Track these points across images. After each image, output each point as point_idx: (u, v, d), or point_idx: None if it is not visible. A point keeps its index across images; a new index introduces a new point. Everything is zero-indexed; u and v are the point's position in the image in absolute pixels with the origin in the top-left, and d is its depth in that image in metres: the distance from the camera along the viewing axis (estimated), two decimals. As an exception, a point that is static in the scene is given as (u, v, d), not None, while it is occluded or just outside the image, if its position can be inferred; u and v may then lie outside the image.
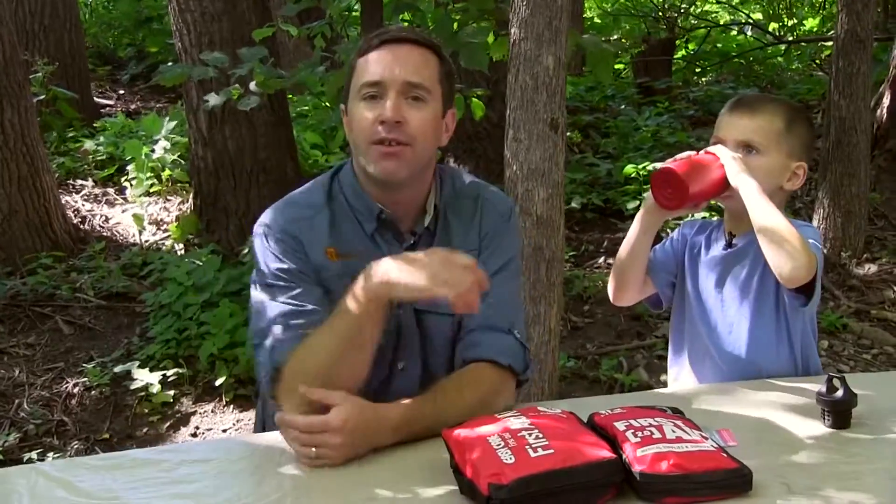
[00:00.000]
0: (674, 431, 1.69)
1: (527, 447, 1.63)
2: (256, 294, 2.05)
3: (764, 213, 2.13)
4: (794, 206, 6.23)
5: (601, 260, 5.93)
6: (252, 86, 4.25)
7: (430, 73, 2.03)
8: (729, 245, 2.35)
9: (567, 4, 3.01)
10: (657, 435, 1.67)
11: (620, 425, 1.72)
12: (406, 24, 4.87)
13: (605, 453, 1.64)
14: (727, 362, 2.32)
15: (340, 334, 1.87)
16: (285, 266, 2.01)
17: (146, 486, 1.80)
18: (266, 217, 2.10)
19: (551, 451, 1.61)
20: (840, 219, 5.53)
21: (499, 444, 1.65)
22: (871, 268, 5.64)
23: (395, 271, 1.84)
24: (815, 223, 5.45)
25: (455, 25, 4.13)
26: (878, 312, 5.24)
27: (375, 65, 1.99)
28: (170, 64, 4.83)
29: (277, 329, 1.96)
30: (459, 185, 2.19)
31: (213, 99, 4.36)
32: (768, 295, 2.27)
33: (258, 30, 4.66)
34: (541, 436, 1.66)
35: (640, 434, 1.68)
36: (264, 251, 2.04)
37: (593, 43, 4.03)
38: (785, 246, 2.09)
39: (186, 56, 5.73)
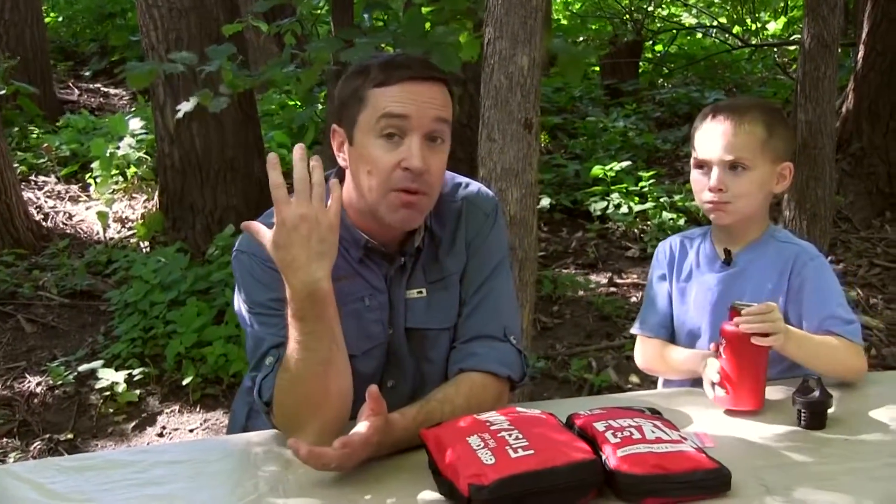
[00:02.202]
0: (653, 432, 1.69)
1: (507, 448, 1.62)
2: (250, 325, 1.98)
3: (819, 358, 2.09)
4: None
5: (569, 260, 5.94)
6: (221, 87, 4.20)
7: (449, 109, 1.95)
8: (727, 262, 2.27)
9: (542, 4, 3.01)
10: (637, 436, 1.67)
11: (600, 426, 1.72)
12: (380, 23, 4.84)
13: (586, 454, 1.63)
14: None
15: (305, 359, 1.81)
16: (275, 296, 1.92)
17: (119, 487, 1.77)
18: (249, 243, 1.99)
19: (531, 451, 1.61)
20: (805, 221, 5.55)
21: (479, 445, 1.64)
22: (836, 270, 5.69)
23: (301, 266, 1.77)
24: (780, 226, 5.49)
25: (427, 25, 4.12)
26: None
27: (400, 98, 1.88)
28: (135, 62, 4.73)
29: (267, 362, 1.90)
30: (441, 189, 2.10)
31: (185, 106, 4.31)
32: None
33: (227, 25, 4.63)
34: (521, 436, 1.65)
35: (619, 435, 1.68)
36: (252, 280, 1.97)
37: (565, 48, 4.04)
38: (843, 370, 2.15)
39: (153, 52, 5.67)
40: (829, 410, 1.93)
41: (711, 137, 2.20)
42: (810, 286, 2.18)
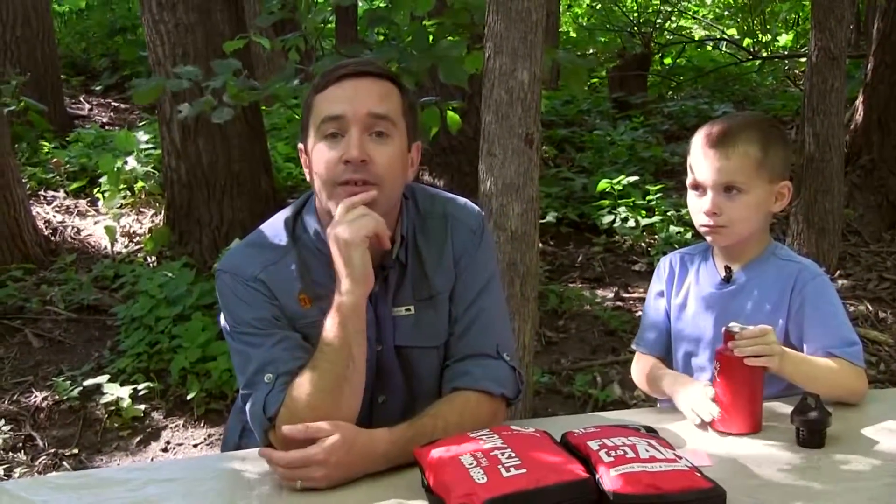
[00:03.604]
0: (647, 451, 1.68)
1: (499, 466, 1.61)
2: (236, 344, 1.98)
3: (817, 380, 2.04)
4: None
5: (576, 274, 5.92)
6: (225, 97, 4.21)
7: (393, 104, 1.95)
8: (727, 280, 2.23)
9: (542, 19, 3.00)
10: (631, 454, 1.66)
11: (594, 444, 1.70)
12: (381, 37, 4.85)
13: (579, 473, 1.62)
14: None
15: (327, 371, 1.83)
16: (259, 315, 1.94)
17: (112, 506, 1.77)
18: (231, 262, 2.02)
19: (524, 470, 1.60)
20: (814, 235, 5.54)
21: (471, 464, 1.64)
22: (845, 283, 5.66)
23: (350, 275, 1.84)
24: (788, 240, 5.47)
25: (430, 39, 4.12)
26: (852, 328, 5.24)
27: (335, 99, 1.91)
28: (142, 79, 4.75)
29: (266, 379, 1.89)
30: (424, 205, 2.11)
31: (186, 109, 4.32)
32: (780, 333, 2.13)
33: (230, 42, 4.63)
34: (513, 455, 1.64)
35: (613, 453, 1.66)
36: (235, 300, 1.97)
37: (567, 59, 4.02)
38: (842, 392, 2.11)
39: (160, 68, 5.69)
40: (828, 429, 1.91)
41: (705, 159, 2.15)
42: (811, 306, 2.15)
